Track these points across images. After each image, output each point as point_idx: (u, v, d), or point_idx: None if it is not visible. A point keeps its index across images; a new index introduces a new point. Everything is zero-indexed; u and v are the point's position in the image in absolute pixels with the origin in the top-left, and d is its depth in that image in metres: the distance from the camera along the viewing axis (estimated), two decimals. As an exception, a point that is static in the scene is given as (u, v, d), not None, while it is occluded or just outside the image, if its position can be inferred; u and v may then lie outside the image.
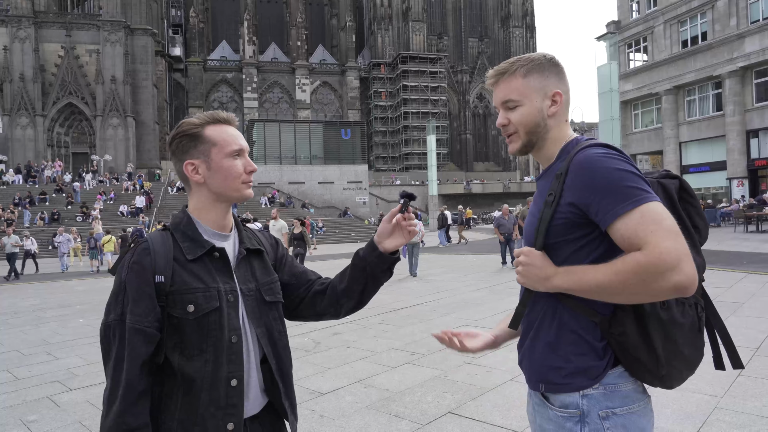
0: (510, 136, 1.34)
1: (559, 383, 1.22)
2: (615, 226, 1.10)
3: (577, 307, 1.20)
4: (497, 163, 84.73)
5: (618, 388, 1.19)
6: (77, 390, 4.67)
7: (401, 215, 1.43)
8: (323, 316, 1.53)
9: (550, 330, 1.25)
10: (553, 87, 1.30)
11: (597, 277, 1.11)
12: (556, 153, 1.31)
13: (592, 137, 1.30)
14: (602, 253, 1.19)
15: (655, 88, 30.37)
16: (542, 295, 1.26)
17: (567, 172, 1.20)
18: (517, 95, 1.29)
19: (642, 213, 1.07)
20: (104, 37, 53.36)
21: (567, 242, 1.21)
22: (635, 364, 1.18)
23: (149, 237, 1.30)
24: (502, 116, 1.34)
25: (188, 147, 1.33)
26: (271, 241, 1.54)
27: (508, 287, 9.88)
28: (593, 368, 1.19)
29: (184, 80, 73.55)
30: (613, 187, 1.11)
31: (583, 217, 1.17)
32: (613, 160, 1.15)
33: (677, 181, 1.28)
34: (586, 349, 1.20)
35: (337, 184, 44.63)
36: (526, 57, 1.32)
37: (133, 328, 1.19)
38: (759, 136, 26.35)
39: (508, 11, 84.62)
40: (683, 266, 1.03)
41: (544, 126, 1.30)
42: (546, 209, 1.23)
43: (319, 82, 77.93)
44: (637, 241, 1.07)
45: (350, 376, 4.74)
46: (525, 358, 1.33)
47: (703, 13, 28.21)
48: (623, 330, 1.16)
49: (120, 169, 49.30)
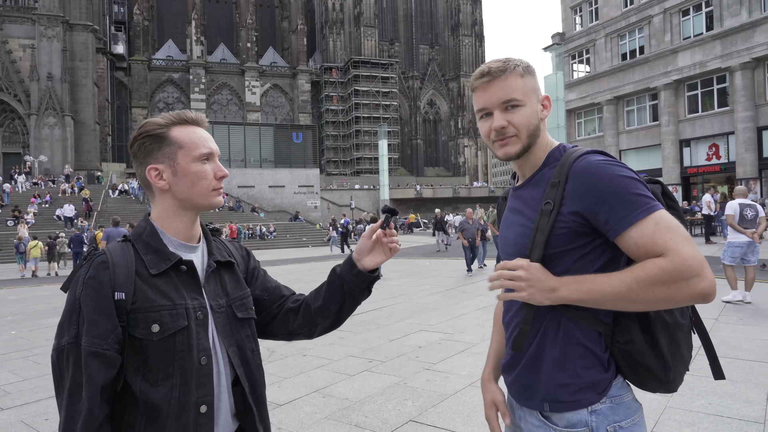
0: (507, 138, 1.23)
1: (568, 401, 1.16)
2: (628, 235, 1.08)
3: (582, 317, 1.16)
4: (447, 168, 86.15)
5: (622, 399, 1.17)
6: (10, 409, 4.33)
7: (382, 231, 1.34)
8: (296, 336, 1.42)
9: (555, 345, 1.18)
10: (541, 91, 1.28)
11: (612, 285, 1.07)
12: (542, 159, 1.26)
13: (575, 144, 1.27)
14: (607, 261, 1.16)
15: (597, 98, 31.72)
16: (543, 308, 1.18)
17: (567, 179, 1.16)
18: (520, 95, 1.22)
19: (656, 221, 1.07)
20: (40, 31, 50.47)
21: (569, 252, 1.16)
22: (641, 372, 1.15)
23: (107, 248, 1.17)
24: (500, 118, 1.22)
25: (151, 149, 1.21)
26: (242, 252, 1.42)
27: (462, 291, 9.99)
28: (601, 381, 1.16)
29: (127, 79, 70.74)
30: (621, 195, 1.09)
31: (587, 225, 1.14)
32: (616, 167, 1.13)
33: (660, 186, 1.26)
34: (594, 361, 1.16)
35: (288, 188, 44.04)
36: (516, 59, 1.26)
37: (91, 351, 1.06)
38: (691, 145, 27.99)
39: (458, 20, 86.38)
40: (706, 272, 1.03)
41: (540, 130, 1.25)
42: (543, 219, 1.17)
43: (270, 84, 76.85)
44: (655, 248, 1.05)
45: (308, 385, 4.62)
46: (521, 378, 1.24)
47: (640, 28, 29.74)
48: (630, 338, 1.13)
49: (57, 170, 46.68)
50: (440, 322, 7.10)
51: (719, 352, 1.26)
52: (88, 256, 1.16)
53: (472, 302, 8.62)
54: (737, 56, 24.70)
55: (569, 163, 1.17)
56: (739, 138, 25.03)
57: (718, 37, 25.59)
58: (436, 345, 5.88)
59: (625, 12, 30.46)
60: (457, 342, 5.95)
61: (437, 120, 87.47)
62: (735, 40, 24.92)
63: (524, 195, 1.28)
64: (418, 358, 5.38)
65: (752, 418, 3.46)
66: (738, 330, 5.85)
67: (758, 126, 24.67)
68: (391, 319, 7.58)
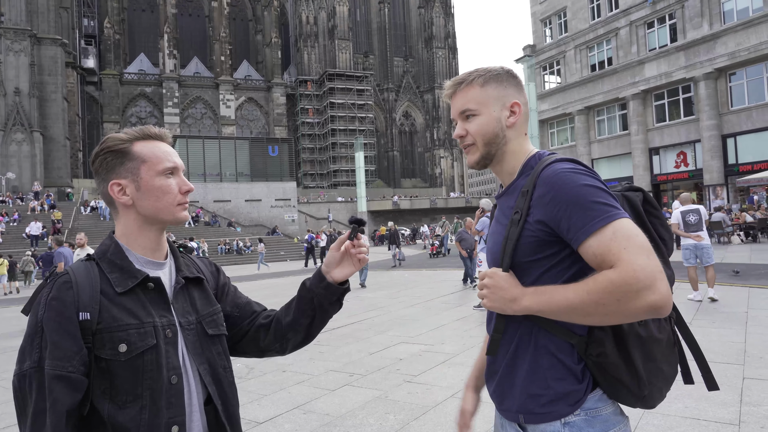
0: (468, 147, 1.28)
1: (540, 412, 1.15)
2: (587, 244, 1.06)
3: (553, 328, 1.14)
4: (424, 179, 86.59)
5: (599, 412, 1.13)
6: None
7: (350, 242, 1.33)
8: (267, 353, 1.40)
9: (526, 355, 1.17)
10: (511, 97, 1.27)
11: (568, 297, 1.06)
12: (517, 168, 1.26)
13: (554, 152, 1.27)
14: (576, 272, 1.14)
15: (569, 108, 32.39)
16: (516, 318, 1.18)
17: (534, 188, 1.15)
18: (474, 104, 1.25)
19: (614, 230, 1.04)
20: (6, 45, 49.37)
21: (537, 261, 1.15)
22: (616, 386, 1.13)
23: (70, 268, 1.13)
24: (459, 127, 1.28)
25: (114, 165, 1.18)
26: (211, 268, 1.39)
27: (442, 302, 10.00)
28: (573, 393, 1.13)
29: (98, 93, 69.52)
30: (582, 204, 1.07)
31: (553, 234, 1.13)
32: (580, 175, 1.11)
33: (641, 194, 1.25)
34: (565, 372, 1.14)
35: (264, 201, 43.73)
36: (483, 68, 1.28)
37: (55, 374, 1.02)
38: (660, 153, 28.75)
39: (431, 32, 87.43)
40: (658, 285, 1.00)
41: (503, 137, 1.25)
42: (512, 228, 1.17)
43: (245, 98, 76.44)
44: (609, 258, 1.02)
45: (288, 402, 4.55)
46: (500, 387, 1.24)
47: (608, 40, 30.57)
48: (602, 350, 1.10)
49: (25, 188, 45.49)
50: (420, 334, 7.08)
51: (692, 356, 1.23)
52: (50, 277, 1.12)
53: (451, 313, 8.63)
54: (700, 67, 25.54)
55: (538, 171, 1.17)
56: (705, 146, 25.81)
57: (681, 49, 26.45)
58: (416, 357, 5.86)
59: (593, 24, 31.30)
60: (438, 353, 5.93)
61: (413, 131, 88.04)
62: (698, 52, 25.79)
63: (502, 204, 1.28)
64: (399, 370, 5.34)
65: (727, 420, 3.52)
66: (711, 333, 5.98)
67: (722, 134, 25.48)
68: (370, 331, 7.53)
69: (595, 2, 31.40)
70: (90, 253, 7.99)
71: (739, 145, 25.25)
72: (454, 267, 16.89)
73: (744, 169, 24.69)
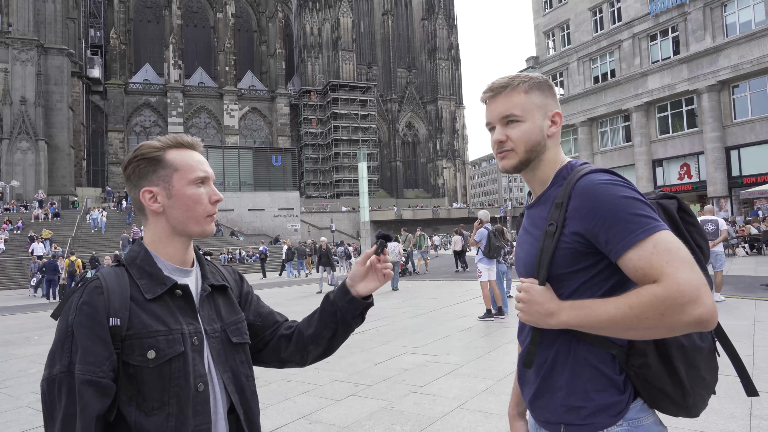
0: (505, 152, 1.25)
1: (581, 424, 1.13)
2: (627, 257, 1.04)
3: (594, 339, 1.13)
4: (426, 189, 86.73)
5: (641, 422, 1.13)
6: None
7: (376, 257, 1.34)
8: (287, 364, 1.40)
9: (565, 367, 1.16)
10: (552, 107, 1.26)
11: (608, 311, 1.04)
12: (550, 176, 1.25)
13: (586, 162, 1.26)
14: (615, 284, 1.12)
15: (572, 120, 32.45)
16: (553, 329, 1.16)
17: (569, 199, 1.14)
18: (519, 111, 1.23)
19: (655, 242, 1.02)
20: (14, 55, 49.89)
21: (574, 273, 1.14)
22: (659, 396, 1.12)
23: (101, 274, 1.14)
24: (499, 132, 1.25)
25: (146, 172, 1.20)
26: (235, 276, 1.40)
27: (446, 313, 9.97)
28: (615, 404, 1.12)
29: (103, 103, 70.05)
30: (621, 216, 1.06)
31: (590, 246, 1.11)
32: (618, 187, 1.10)
33: (675, 201, 1.24)
34: (606, 384, 1.13)
35: (267, 211, 43.77)
36: (525, 75, 1.27)
37: (85, 379, 1.02)
38: (663, 165, 28.76)
39: (434, 44, 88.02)
40: (703, 298, 0.98)
41: (543, 145, 1.24)
42: (547, 239, 1.16)
43: (248, 108, 76.93)
44: (652, 272, 1.01)
45: (293, 411, 4.53)
46: (538, 399, 1.22)
47: (611, 52, 30.73)
48: (644, 361, 1.10)
49: (29, 196, 45.65)
50: (425, 344, 7.06)
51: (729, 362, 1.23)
52: (81, 282, 1.13)
53: (456, 323, 8.61)
54: (703, 79, 25.62)
55: (573, 182, 1.16)
56: (708, 158, 25.82)
57: (684, 61, 26.56)
58: (422, 367, 5.83)
59: (596, 37, 31.47)
60: (444, 364, 5.91)
61: (416, 142, 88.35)
62: (701, 64, 25.89)
63: (533, 214, 1.27)
64: (405, 381, 5.32)
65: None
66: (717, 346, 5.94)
67: (726, 146, 25.51)
68: (375, 341, 7.51)
69: (598, 15, 31.61)
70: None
71: (742, 157, 25.27)
72: (454, 278, 16.81)
73: (748, 181, 24.69)
